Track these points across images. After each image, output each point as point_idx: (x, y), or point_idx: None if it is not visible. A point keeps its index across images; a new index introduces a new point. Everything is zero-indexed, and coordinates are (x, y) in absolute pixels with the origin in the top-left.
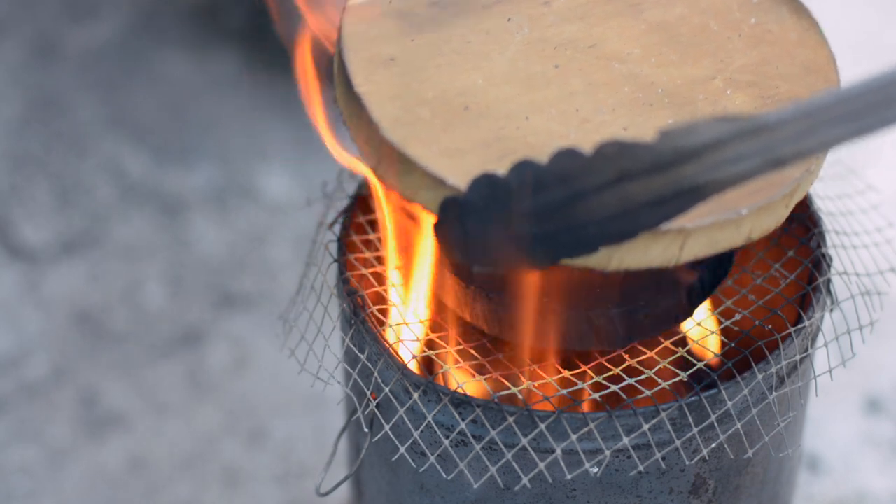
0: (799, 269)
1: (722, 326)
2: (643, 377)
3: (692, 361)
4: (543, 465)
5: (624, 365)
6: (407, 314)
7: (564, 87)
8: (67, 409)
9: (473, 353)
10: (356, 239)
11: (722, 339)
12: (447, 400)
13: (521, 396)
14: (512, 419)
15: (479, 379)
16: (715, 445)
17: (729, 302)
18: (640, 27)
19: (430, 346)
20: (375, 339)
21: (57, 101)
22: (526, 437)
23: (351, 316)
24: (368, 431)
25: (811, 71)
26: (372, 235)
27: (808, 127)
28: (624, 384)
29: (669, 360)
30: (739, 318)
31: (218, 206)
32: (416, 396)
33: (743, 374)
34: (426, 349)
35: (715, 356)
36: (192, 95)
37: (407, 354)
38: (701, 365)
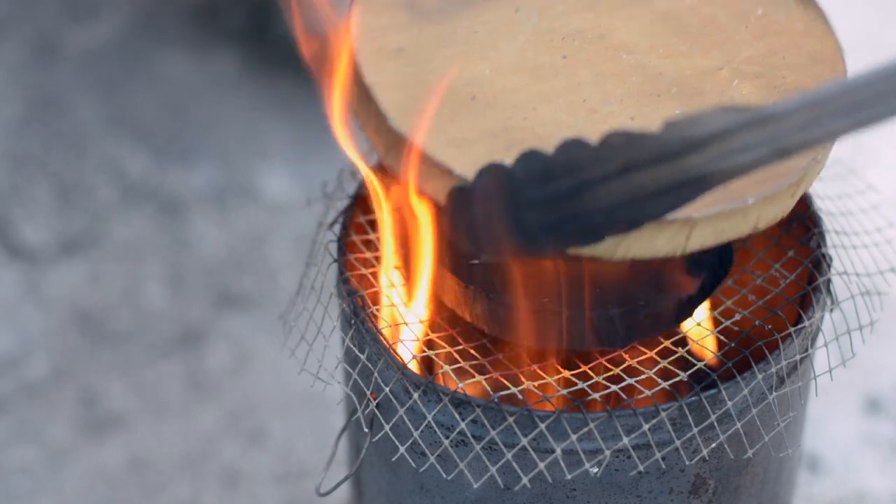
0: (799, 269)
1: (722, 326)
2: (643, 377)
3: (692, 361)
4: (543, 465)
5: (624, 365)
6: (407, 314)
7: (572, 77)
8: (67, 409)
9: (473, 353)
10: (356, 239)
11: (722, 339)
12: (447, 400)
13: (521, 396)
14: (512, 419)
15: (479, 379)
16: (715, 445)
17: (729, 302)
18: (647, 18)
19: (430, 346)
20: (375, 339)
21: (57, 101)
22: (526, 437)
23: (351, 316)
24: (368, 431)
25: (818, 61)
26: (372, 235)
27: (813, 117)
28: (624, 384)
29: (669, 360)
30: (739, 318)
31: (218, 206)
32: (416, 396)
33: (743, 374)
34: (426, 349)
35: (715, 356)
36: (192, 95)
37: (407, 354)
38: (701, 365)
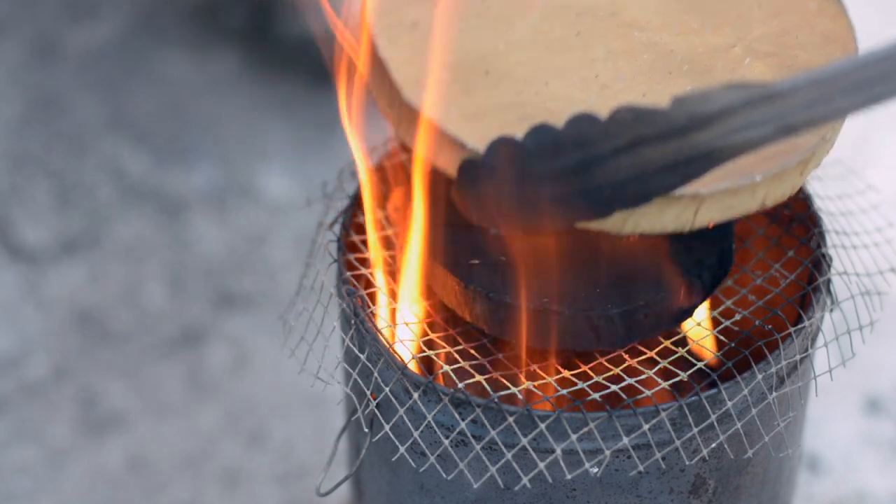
0: (799, 269)
1: (722, 326)
2: (643, 377)
3: (692, 361)
4: (543, 465)
5: (624, 365)
6: (407, 314)
7: (585, 53)
8: (67, 409)
9: (473, 353)
10: (356, 239)
11: (722, 339)
12: (447, 400)
13: (521, 396)
14: (512, 419)
15: (479, 379)
16: (715, 445)
17: (729, 302)
18: None
19: (430, 346)
20: (375, 339)
21: (57, 101)
22: (526, 437)
23: (351, 316)
24: (368, 431)
25: (830, 40)
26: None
27: (820, 94)
28: (624, 384)
29: (669, 360)
30: (739, 318)
31: (218, 206)
32: (416, 396)
33: (743, 374)
34: (426, 349)
35: (715, 356)
36: (192, 95)
37: (407, 354)
38: (701, 365)
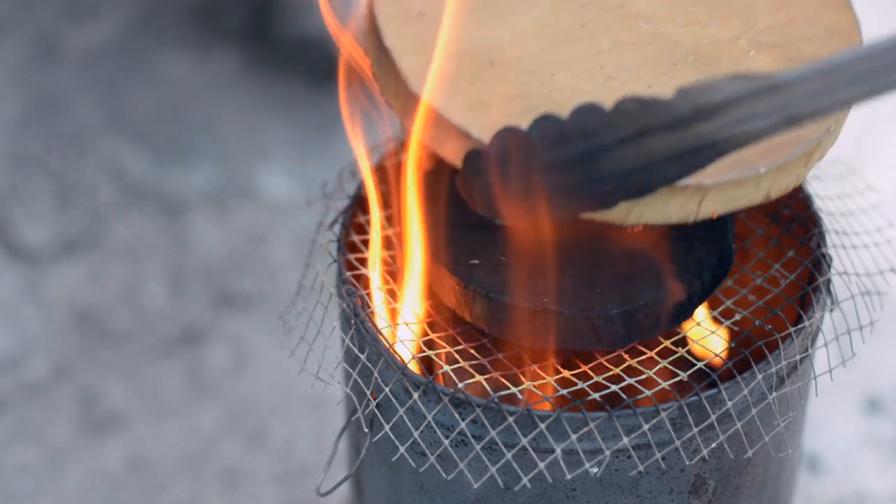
0: (799, 269)
1: (722, 326)
2: (643, 377)
3: (692, 361)
4: (543, 465)
5: (624, 365)
6: (407, 314)
7: (590, 45)
8: (67, 409)
9: (473, 353)
10: (356, 239)
11: (722, 338)
12: (447, 400)
13: (521, 396)
14: (512, 419)
15: (479, 379)
16: (715, 445)
17: (729, 302)
18: None
19: (430, 346)
20: (375, 339)
21: (57, 101)
22: (526, 437)
23: (351, 316)
24: (368, 431)
25: (835, 33)
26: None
27: (824, 85)
28: (624, 384)
29: (669, 360)
30: (739, 318)
31: (218, 206)
32: (416, 396)
33: (743, 374)
34: (426, 349)
35: (715, 356)
36: (192, 95)
37: (407, 354)
38: (701, 365)
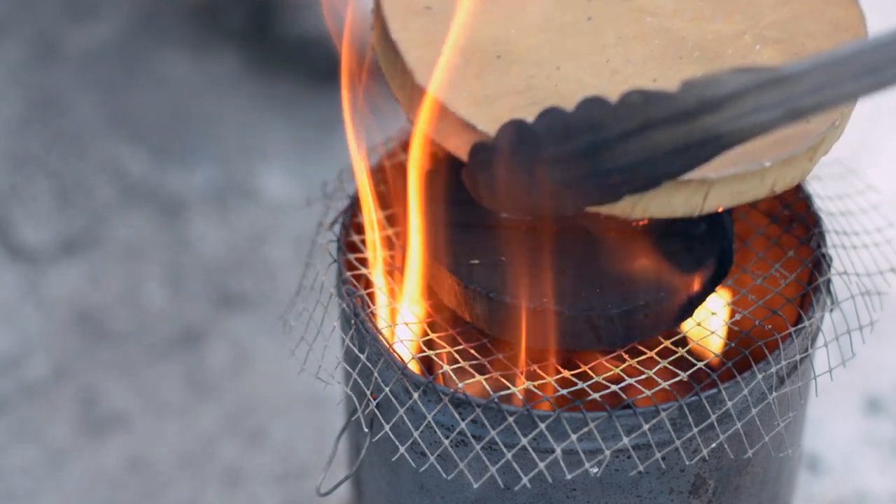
0: (799, 269)
1: (722, 326)
2: (643, 377)
3: (692, 361)
4: (543, 465)
5: (624, 365)
6: (407, 314)
7: (596, 38)
8: (67, 409)
9: (473, 353)
10: (356, 239)
11: (722, 339)
12: (447, 400)
13: (521, 396)
14: (512, 419)
15: (479, 379)
16: (715, 445)
17: (729, 302)
18: None
19: (430, 346)
20: (375, 339)
21: (57, 101)
22: (526, 437)
23: (351, 316)
24: (368, 431)
25: (840, 28)
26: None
27: (830, 78)
28: (624, 384)
29: (669, 360)
30: (739, 318)
31: (218, 206)
32: (416, 396)
33: (743, 374)
34: (426, 349)
35: (715, 356)
36: (192, 95)
37: (406, 354)
38: (701, 365)
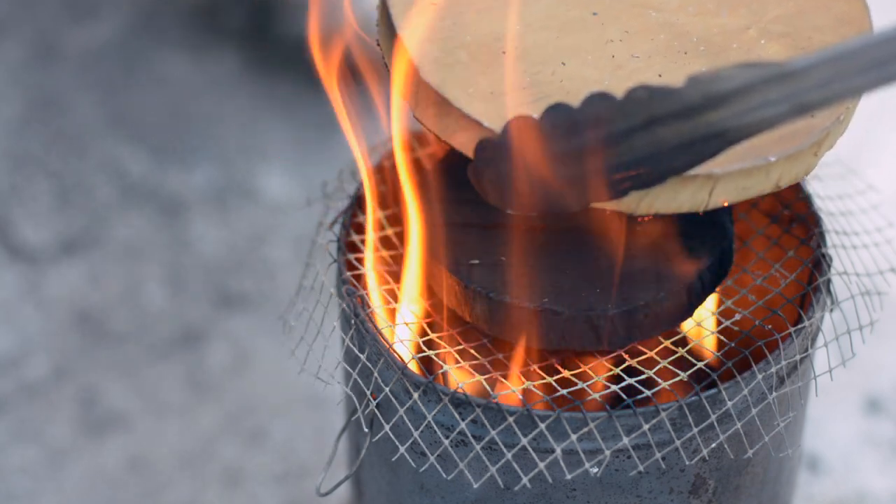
0: (799, 269)
1: (722, 326)
2: (643, 377)
3: (692, 361)
4: (543, 465)
5: (624, 365)
6: (407, 314)
7: (601, 34)
8: (67, 409)
9: (473, 353)
10: (356, 239)
11: (722, 339)
12: (447, 400)
13: (521, 396)
14: (512, 419)
15: (479, 379)
16: (715, 445)
17: (729, 302)
18: None
19: (429, 346)
20: (375, 339)
21: (57, 101)
22: (526, 437)
23: (351, 316)
24: (368, 431)
25: (845, 22)
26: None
27: (834, 73)
28: (624, 384)
29: (669, 360)
30: (739, 318)
31: (218, 206)
32: (416, 396)
33: (743, 374)
34: (426, 349)
35: (715, 356)
36: (192, 95)
37: (406, 354)
38: (701, 365)
